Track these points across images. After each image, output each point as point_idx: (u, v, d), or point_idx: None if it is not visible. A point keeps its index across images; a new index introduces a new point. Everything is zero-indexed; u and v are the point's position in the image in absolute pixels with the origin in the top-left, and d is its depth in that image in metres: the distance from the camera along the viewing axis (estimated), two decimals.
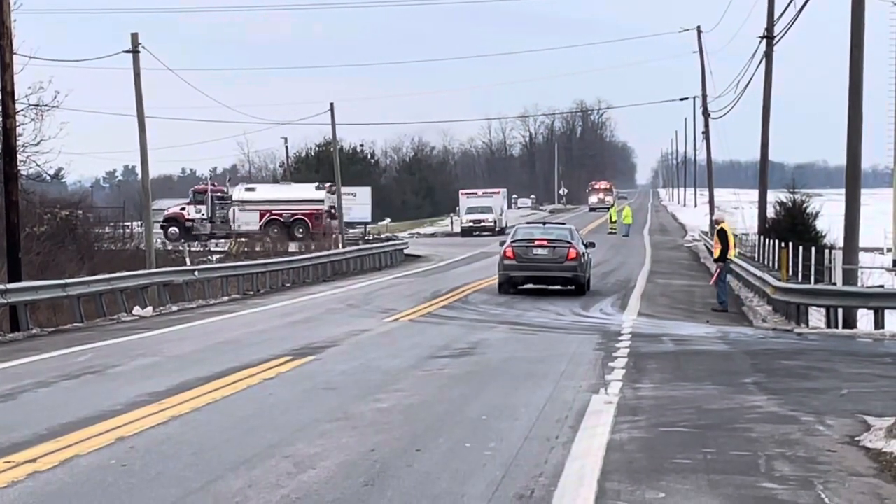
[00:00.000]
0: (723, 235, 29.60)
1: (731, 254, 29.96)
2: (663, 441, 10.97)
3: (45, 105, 36.09)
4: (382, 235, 77.33)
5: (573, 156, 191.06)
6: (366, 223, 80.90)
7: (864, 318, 25.12)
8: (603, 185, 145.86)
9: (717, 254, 30.08)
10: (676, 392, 14.27)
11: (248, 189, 74.89)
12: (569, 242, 32.55)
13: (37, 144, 36.25)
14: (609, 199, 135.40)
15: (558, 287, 32.69)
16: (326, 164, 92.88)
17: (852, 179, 26.97)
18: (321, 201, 72.62)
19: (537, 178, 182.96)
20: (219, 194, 75.81)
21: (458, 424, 11.86)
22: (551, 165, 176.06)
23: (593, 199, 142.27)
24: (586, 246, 33.88)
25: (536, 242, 32.65)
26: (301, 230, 70.85)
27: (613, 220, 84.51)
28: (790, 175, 64.00)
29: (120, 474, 9.53)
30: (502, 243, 33.80)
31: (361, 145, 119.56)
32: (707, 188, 72.85)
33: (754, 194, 54.72)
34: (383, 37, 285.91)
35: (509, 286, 32.33)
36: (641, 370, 16.31)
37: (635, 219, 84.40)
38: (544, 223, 39.52)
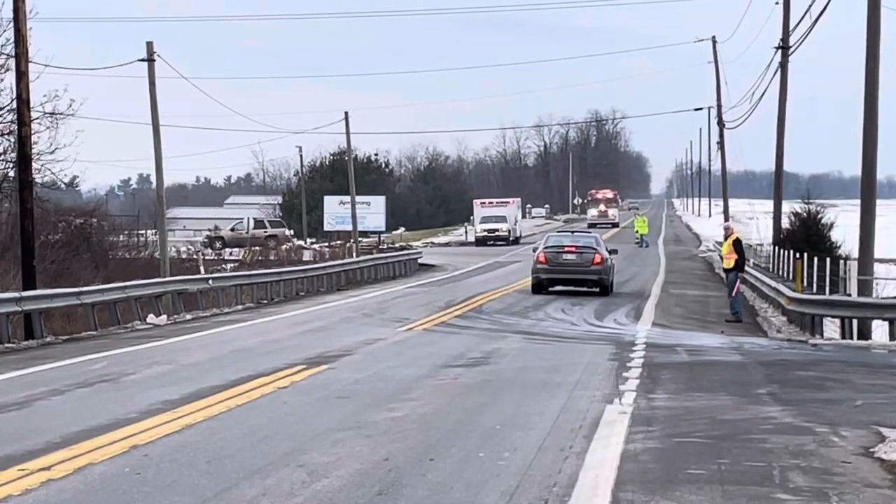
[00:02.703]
0: (738, 245, 29.48)
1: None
2: (677, 451, 10.94)
3: (60, 113, 36.27)
4: (396, 244, 77.38)
5: (588, 165, 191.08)
6: (380, 232, 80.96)
7: (879, 330, 25.06)
8: (606, 193, 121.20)
9: (731, 264, 29.59)
10: (691, 402, 14.24)
11: None
12: (595, 249, 36.00)
13: (52, 152, 36.41)
14: (613, 212, 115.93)
15: (585, 288, 35.54)
16: (341, 172, 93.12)
17: (867, 190, 26.92)
18: None
19: (552, 187, 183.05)
20: None
21: (471, 434, 11.85)
22: (566, 175, 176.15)
23: (593, 212, 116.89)
24: (610, 252, 37.09)
25: (566, 248, 36.06)
26: None
27: (636, 229, 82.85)
28: (805, 185, 64.10)
29: (134, 482, 9.54)
30: (535, 249, 37.17)
31: (376, 154, 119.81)
32: (722, 198, 72.80)
33: (769, 205, 54.62)
34: (398, 46, 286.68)
35: (541, 287, 35.74)
36: (655, 380, 16.27)
37: (650, 229, 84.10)
38: (573, 232, 42.76)
